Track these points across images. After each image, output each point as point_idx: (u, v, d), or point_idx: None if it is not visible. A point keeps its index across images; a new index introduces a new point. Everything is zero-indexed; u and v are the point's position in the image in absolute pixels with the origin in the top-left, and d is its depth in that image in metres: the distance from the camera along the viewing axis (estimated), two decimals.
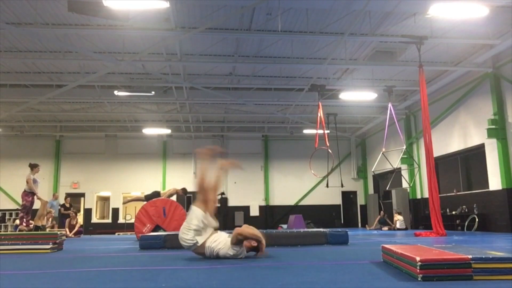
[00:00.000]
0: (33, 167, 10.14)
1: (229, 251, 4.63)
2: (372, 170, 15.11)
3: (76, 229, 13.93)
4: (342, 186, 17.61)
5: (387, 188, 15.72)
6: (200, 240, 4.70)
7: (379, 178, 16.87)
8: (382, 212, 17.82)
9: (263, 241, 4.75)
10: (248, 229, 4.75)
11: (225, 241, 4.70)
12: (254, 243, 4.73)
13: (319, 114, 13.71)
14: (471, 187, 13.80)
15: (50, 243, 6.38)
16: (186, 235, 4.74)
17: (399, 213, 15.97)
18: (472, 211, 12.89)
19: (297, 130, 20.20)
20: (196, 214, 4.79)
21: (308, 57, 12.73)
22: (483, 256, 2.82)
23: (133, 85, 14.57)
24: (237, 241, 4.66)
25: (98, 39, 11.46)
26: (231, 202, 20.64)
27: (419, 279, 2.78)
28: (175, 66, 13.05)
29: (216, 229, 4.93)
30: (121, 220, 20.19)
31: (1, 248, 6.31)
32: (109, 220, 20.32)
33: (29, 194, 9.98)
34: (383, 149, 13.48)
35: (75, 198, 20.92)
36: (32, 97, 14.66)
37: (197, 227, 4.71)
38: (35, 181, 10.08)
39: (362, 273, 3.34)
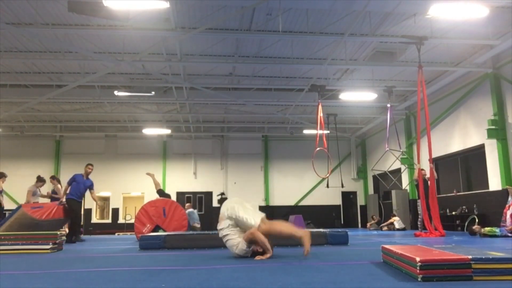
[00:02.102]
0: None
1: (239, 247, 4.57)
2: (372, 168, 15.09)
3: None
4: (342, 186, 17.61)
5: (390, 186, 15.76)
6: (230, 223, 4.74)
7: (380, 178, 16.88)
8: (374, 216, 17.91)
9: (269, 252, 4.63)
10: (261, 236, 4.57)
11: (239, 234, 4.63)
12: (260, 249, 4.68)
13: (319, 115, 13.71)
14: (471, 188, 13.80)
15: (50, 243, 6.39)
16: (231, 211, 4.77)
17: (394, 215, 16.09)
18: (472, 212, 12.89)
19: (297, 130, 20.20)
20: (253, 222, 4.65)
21: (308, 58, 12.74)
22: (483, 257, 2.82)
23: (133, 85, 14.57)
24: (249, 240, 4.57)
25: (98, 39, 11.46)
26: None
27: (419, 279, 2.78)
28: (175, 66, 13.05)
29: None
30: (121, 220, 20.18)
31: (1, 248, 6.32)
32: (109, 220, 20.33)
33: None
34: (387, 148, 13.41)
35: None
36: (32, 97, 14.66)
37: (243, 221, 4.65)
38: None
39: (362, 274, 3.34)
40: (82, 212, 11.31)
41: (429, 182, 10.52)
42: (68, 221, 10.28)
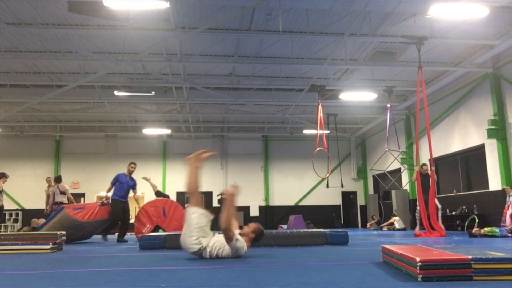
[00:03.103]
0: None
1: (229, 251, 4.54)
2: (371, 168, 15.06)
3: None
4: (342, 186, 17.61)
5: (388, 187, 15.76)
6: (205, 242, 4.54)
7: (380, 178, 16.86)
8: (374, 216, 17.95)
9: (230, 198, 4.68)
10: (224, 219, 4.50)
11: (222, 242, 4.59)
12: (252, 235, 4.68)
13: (319, 115, 13.70)
14: (471, 188, 13.79)
15: (50, 243, 6.39)
16: (190, 238, 4.54)
17: (395, 215, 16.11)
18: (472, 212, 12.89)
19: (297, 130, 20.21)
20: (195, 212, 4.63)
21: (308, 58, 12.74)
22: (483, 257, 2.81)
23: (133, 85, 14.57)
24: (229, 237, 4.51)
25: (98, 39, 11.46)
26: None
27: (419, 279, 2.78)
28: (175, 66, 13.06)
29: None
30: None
31: (1, 248, 6.32)
32: None
33: None
34: (386, 148, 13.37)
35: (75, 198, 20.91)
36: (32, 97, 14.67)
37: (199, 224, 4.55)
38: None
39: (362, 274, 3.34)
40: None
41: (430, 181, 10.44)
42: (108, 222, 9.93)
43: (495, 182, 12.09)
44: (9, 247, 6.36)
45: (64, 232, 7.05)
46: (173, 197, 17.47)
